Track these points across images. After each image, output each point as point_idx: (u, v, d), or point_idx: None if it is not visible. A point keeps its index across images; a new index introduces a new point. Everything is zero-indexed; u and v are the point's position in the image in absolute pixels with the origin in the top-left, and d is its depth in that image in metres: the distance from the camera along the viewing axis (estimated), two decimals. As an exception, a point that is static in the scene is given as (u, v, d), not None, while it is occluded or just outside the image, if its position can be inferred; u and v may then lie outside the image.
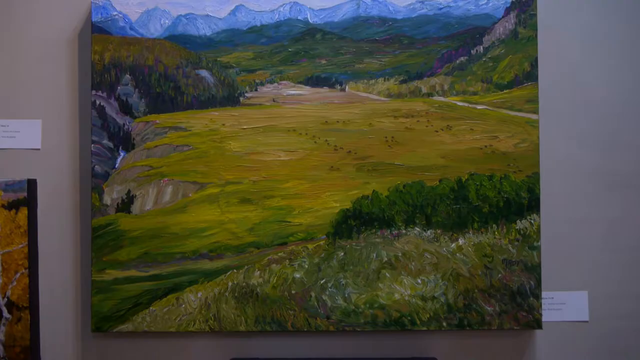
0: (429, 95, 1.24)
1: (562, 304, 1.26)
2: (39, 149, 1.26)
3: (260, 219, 1.22)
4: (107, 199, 1.22)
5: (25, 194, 1.22)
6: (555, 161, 1.25)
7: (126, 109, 1.23)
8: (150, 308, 1.21)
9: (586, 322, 1.26)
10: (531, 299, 1.20)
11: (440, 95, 1.23)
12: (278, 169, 1.22)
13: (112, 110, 1.23)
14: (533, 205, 1.21)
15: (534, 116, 1.22)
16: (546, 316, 1.24)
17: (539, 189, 1.21)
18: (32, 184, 1.24)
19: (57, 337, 1.25)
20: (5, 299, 1.21)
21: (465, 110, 1.23)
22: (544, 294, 1.24)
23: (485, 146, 1.22)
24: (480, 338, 1.25)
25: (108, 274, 1.21)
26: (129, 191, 1.22)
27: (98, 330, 1.21)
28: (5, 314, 1.21)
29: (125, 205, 1.22)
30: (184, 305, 1.21)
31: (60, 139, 1.26)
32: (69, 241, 1.26)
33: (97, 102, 1.23)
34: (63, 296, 1.25)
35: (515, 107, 1.23)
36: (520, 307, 1.20)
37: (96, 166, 1.22)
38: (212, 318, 1.21)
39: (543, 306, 1.23)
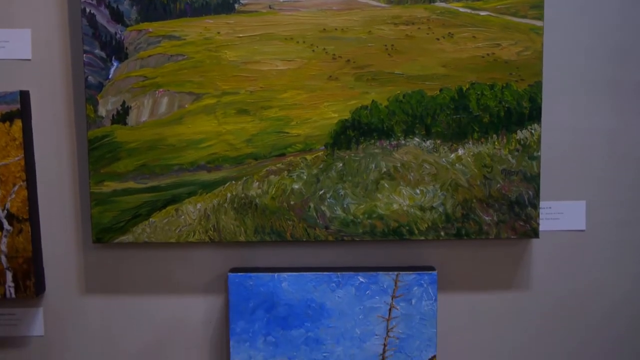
0: (431, 1, 1.19)
1: (560, 214, 1.26)
2: (29, 60, 1.23)
3: (257, 130, 1.20)
4: (101, 111, 1.20)
5: (18, 105, 1.20)
6: (558, 70, 1.23)
7: (117, 16, 1.19)
8: (150, 219, 1.22)
9: (583, 231, 1.27)
10: (529, 208, 1.21)
11: (442, 1, 1.19)
12: (275, 79, 1.20)
13: (102, 18, 1.19)
14: (534, 114, 1.20)
15: (538, 23, 1.18)
16: (543, 225, 1.25)
17: (541, 99, 1.19)
18: (24, 96, 1.21)
19: (58, 248, 1.27)
20: (5, 211, 1.21)
21: (468, 17, 1.20)
22: (542, 203, 1.24)
23: (487, 54, 1.19)
24: (477, 247, 1.27)
25: (106, 185, 1.21)
26: (123, 102, 1.20)
27: (99, 242, 1.22)
28: (6, 225, 1.21)
29: (121, 116, 1.20)
30: (183, 217, 1.22)
31: (51, 49, 1.22)
32: (65, 153, 1.25)
33: (87, 9, 1.18)
34: (62, 208, 1.26)
35: (520, 13, 1.19)
36: (518, 217, 1.21)
37: (89, 77, 1.20)
38: (212, 229, 1.22)
39: (540, 216, 1.24)
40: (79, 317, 1.28)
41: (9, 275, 1.22)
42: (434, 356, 1.22)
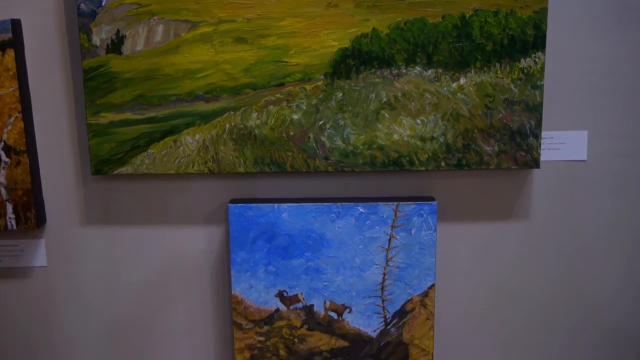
0: None
1: (561, 144, 1.25)
2: (19, -14, 1.19)
3: (255, 59, 1.18)
4: (96, 40, 1.17)
5: (10, 35, 1.17)
6: (564, -4, 1.20)
7: (109, -60, 1.15)
8: (149, 151, 1.21)
9: (584, 161, 1.26)
10: (530, 138, 1.20)
11: None
12: (273, 6, 1.16)
13: (93, -59, 1.15)
14: (539, 42, 1.17)
15: (545, -55, 1.14)
16: (544, 156, 1.24)
17: (546, 26, 1.16)
18: (16, 25, 1.18)
19: (58, 180, 1.26)
20: (2, 143, 1.20)
21: (472, -60, 1.15)
22: (543, 133, 1.23)
23: (492, -21, 1.16)
24: (477, 178, 1.26)
25: (103, 117, 1.20)
26: (118, 31, 1.17)
27: (98, 173, 1.22)
28: (4, 157, 1.21)
29: (116, 45, 1.18)
30: (182, 148, 1.21)
31: (40, -25, 1.19)
32: (60, 84, 1.23)
33: None
34: (60, 140, 1.25)
35: (526, -64, 1.14)
36: (519, 147, 1.20)
37: (81, 4, 1.16)
38: (211, 160, 1.21)
39: (542, 146, 1.23)
40: (81, 248, 1.29)
41: (10, 207, 1.23)
42: (433, 285, 1.23)
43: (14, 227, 1.23)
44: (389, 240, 1.22)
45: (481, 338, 1.32)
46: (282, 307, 1.24)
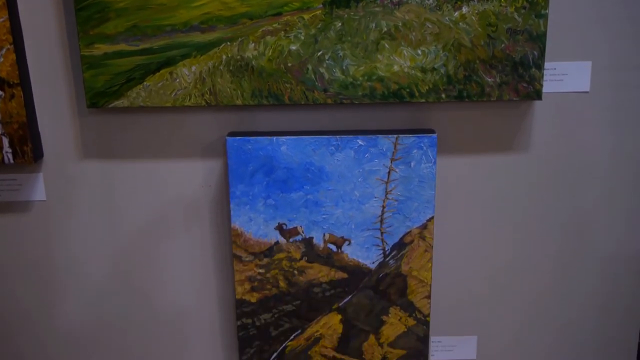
0: None
1: (564, 75, 1.23)
2: None
3: (252, -13, 1.14)
4: (86, -33, 1.13)
5: (-3, -38, 1.13)
6: None
7: None
8: (144, 83, 1.19)
9: (587, 92, 1.24)
10: (533, 69, 1.17)
11: None
12: None
13: None
14: (544, -31, 1.13)
15: None
16: (547, 87, 1.22)
17: (552, -49, 1.12)
18: (3, -49, 1.14)
19: (53, 113, 1.25)
20: (-5, 76, 1.18)
21: None
22: (546, 64, 1.21)
23: None
24: (478, 110, 1.25)
25: (97, 48, 1.17)
26: (109, -42, 1.13)
27: (94, 106, 1.20)
28: (-3, 91, 1.19)
29: (107, -27, 1.14)
30: (178, 80, 1.18)
31: None
32: (52, 14, 1.19)
33: None
34: (54, 72, 1.22)
35: None
36: (522, 78, 1.18)
37: None
38: (208, 92, 1.19)
39: (544, 77, 1.21)
40: (79, 182, 1.29)
41: (6, 141, 1.22)
42: (432, 217, 1.23)
43: (11, 161, 1.22)
44: (388, 173, 1.21)
45: (479, 269, 1.34)
46: (282, 240, 1.24)
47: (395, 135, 1.20)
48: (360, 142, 1.20)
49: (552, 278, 1.34)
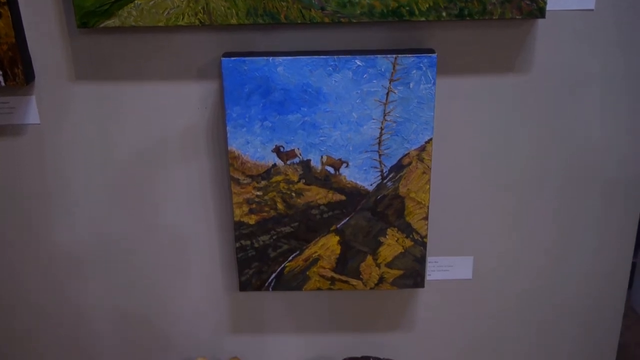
0: None
1: (569, -8, 1.19)
2: None
3: None
4: None
5: None
6: None
7: None
8: (135, 1, 1.15)
9: (591, 10, 1.21)
10: (537, -14, 1.14)
11: None
12: None
13: None
14: None
15: None
16: (551, 4, 1.19)
17: None
18: None
19: (43, 34, 1.21)
20: (-20, -6, 1.14)
21: None
22: (551, -20, 1.17)
23: None
24: (479, 29, 1.22)
25: (85, -36, 1.12)
26: None
27: (84, 26, 1.16)
28: (-16, 10, 1.15)
29: None
30: (170, -2, 1.15)
31: None
32: None
33: None
34: (41, -9, 1.19)
35: None
36: (525, -5, 1.14)
37: None
38: (202, 11, 1.15)
39: (549, -6, 1.17)
40: (72, 105, 1.27)
41: (-4, 63, 1.19)
42: (430, 139, 1.22)
43: (3, 83, 1.20)
44: (387, 94, 1.19)
45: (477, 191, 1.34)
46: (279, 162, 1.24)
47: (394, 56, 1.17)
48: (358, 63, 1.17)
49: (550, 200, 1.35)
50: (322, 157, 1.23)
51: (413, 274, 1.33)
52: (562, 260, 1.41)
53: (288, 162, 1.24)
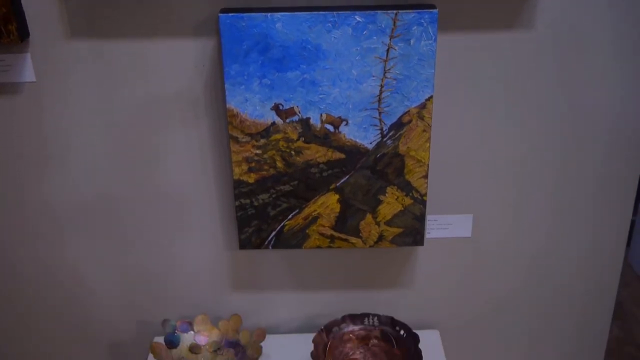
0: None
1: (574, -56, 1.16)
2: None
3: None
4: None
5: None
6: None
7: None
8: (130, -45, 1.12)
9: (596, -36, 1.18)
10: (542, -62, 1.11)
11: None
12: None
13: None
14: None
15: None
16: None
17: None
18: None
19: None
20: (-29, -52, 1.11)
21: None
22: None
23: None
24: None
25: None
26: None
27: (78, -19, 1.14)
28: (-25, -36, 1.12)
29: None
30: (165, -48, 1.12)
31: None
32: None
33: None
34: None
35: None
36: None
37: None
38: (198, -35, 1.13)
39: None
40: (68, 63, 1.25)
41: (-11, 20, 1.17)
42: (431, 97, 1.21)
43: (-3, 40, 1.18)
44: (387, 51, 1.18)
45: (477, 149, 1.33)
46: (278, 120, 1.23)
47: (395, 11, 1.15)
48: (358, 19, 1.15)
49: (551, 157, 1.34)
50: (321, 115, 1.22)
51: (412, 232, 1.33)
52: (562, 218, 1.41)
53: (287, 120, 1.23)
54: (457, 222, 1.41)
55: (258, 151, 1.26)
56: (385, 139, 1.25)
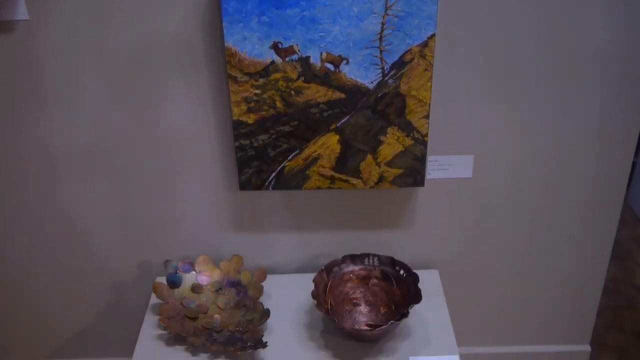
0: None
1: None
2: None
3: None
4: None
5: None
6: None
7: None
8: None
9: None
10: None
11: None
12: None
13: None
14: None
15: None
16: None
17: None
18: None
19: None
20: None
21: None
22: None
23: None
24: None
25: None
26: None
27: None
28: None
29: None
30: None
31: None
32: None
33: None
34: None
35: None
36: None
37: None
38: None
39: None
40: (62, 1, 1.22)
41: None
42: (433, 35, 1.19)
43: (-13, -24, 1.14)
44: (389, -14, 1.14)
45: (480, 90, 1.31)
46: (278, 59, 1.21)
47: (397, -56, 1.11)
48: (359, -48, 1.12)
49: (552, 98, 1.33)
50: (321, 53, 1.20)
51: (413, 172, 1.33)
52: (563, 160, 1.40)
53: (287, 59, 1.21)
54: (458, 162, 1.40)
55: (257, 91, 1.24)
56: (386, 78, 1.23)
